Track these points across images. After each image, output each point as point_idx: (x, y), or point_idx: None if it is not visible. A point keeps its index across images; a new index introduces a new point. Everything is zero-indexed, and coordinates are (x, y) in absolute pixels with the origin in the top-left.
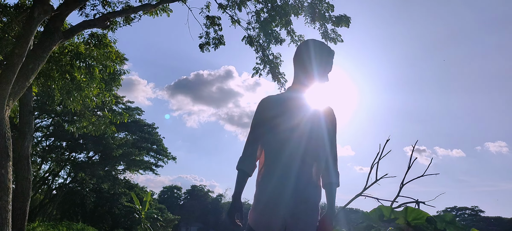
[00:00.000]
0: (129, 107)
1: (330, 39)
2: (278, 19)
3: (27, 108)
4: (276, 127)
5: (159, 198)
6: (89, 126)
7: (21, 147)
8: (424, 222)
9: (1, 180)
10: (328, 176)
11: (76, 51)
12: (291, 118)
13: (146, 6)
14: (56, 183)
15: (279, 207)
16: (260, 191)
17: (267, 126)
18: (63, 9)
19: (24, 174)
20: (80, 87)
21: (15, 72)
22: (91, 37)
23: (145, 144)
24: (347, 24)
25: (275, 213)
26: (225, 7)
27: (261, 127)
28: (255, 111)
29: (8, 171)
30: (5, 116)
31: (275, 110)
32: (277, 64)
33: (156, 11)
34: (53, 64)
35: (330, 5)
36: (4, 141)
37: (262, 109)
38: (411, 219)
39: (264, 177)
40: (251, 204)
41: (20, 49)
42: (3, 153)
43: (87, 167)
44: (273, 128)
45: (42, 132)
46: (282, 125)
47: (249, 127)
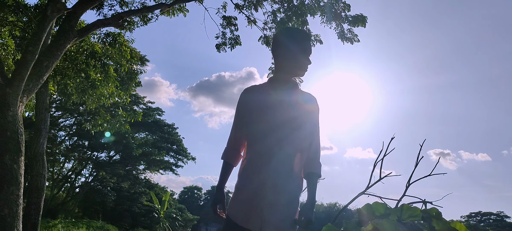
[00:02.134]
0: (150, 108)
1: (347, 39)
2: (294, 19)
3: (43, 106)
4: (258, 117)
5: (180, 198)
6: (104, 124)
7: (37, 143)
8: (420, 220)
9: (13, 174)
10: (309, 166)
11: (91, 50)
12: (272, 109)
13: (161, 6)
14: (79, 181)
15: (258, 198)
16: (239, 182)
17: (249, 117)
18: (78, 8)
19: (39, 170)
20: (94, 86)
21: (28, 69)
22: (107, 36)
23: (165, 144)
24: (364, 24)
25: (253, 204)
26: (242, 7)
27: (243, 118)
28: (237, 102)
29: (20, 166)
30: (18, 112)
31: (257, 101)
32: None
33: (173, 11)
34: (69, 63)
35: (347, 4)
36: (17, 136)
37: (244, 100)
38: (406, 216)
39: (245, 168)
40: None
41: (33, 46)
42: (16, 148)
43: (108, 166)
44: (255, 118)
45: (65, 131)
46: (264, 115)
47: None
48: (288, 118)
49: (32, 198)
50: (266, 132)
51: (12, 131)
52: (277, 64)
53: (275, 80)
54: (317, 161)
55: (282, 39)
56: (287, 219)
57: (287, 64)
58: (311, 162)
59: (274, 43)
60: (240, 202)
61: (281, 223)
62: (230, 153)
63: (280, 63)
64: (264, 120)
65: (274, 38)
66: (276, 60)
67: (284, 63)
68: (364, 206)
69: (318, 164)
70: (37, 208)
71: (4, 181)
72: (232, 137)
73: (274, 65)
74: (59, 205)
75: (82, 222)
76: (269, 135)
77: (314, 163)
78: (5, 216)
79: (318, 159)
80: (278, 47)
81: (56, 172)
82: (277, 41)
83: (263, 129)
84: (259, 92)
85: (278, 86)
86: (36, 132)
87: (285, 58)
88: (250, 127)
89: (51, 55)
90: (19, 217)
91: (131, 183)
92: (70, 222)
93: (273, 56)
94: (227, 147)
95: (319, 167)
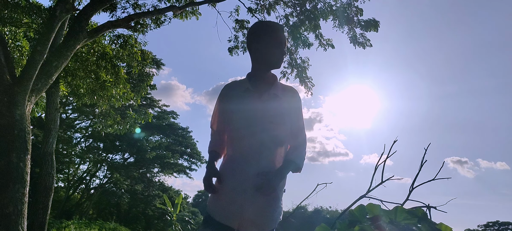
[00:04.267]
0: (164, 111)
1: (359, 43)
2: (307, 23)
3: (53, 106)
4: (237, 114)
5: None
6: (114, 125)
7: (46, 143)
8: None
9: (19, 172)
10: (290, 153)
11: (102, 52)
12: (251, 104)
13: (172, 8)
14: (93, 183)
15: (237, 194)
16: (220, 177)
17: (230, 113)
18: (88, 9)
19: (47, 169)
20: (104, 87)
21: (36, 69)
22: (117, 38)
23: (179, 147)
24: (376, 28)
25: (232, 201)
26: (255, 11)
27: (224, 114)
28: (218, 97)
29: (26, 164)
30: (26, 111)
31: (236, 98)
32: (305, 68)
33: (186, 14)
34: (80, 64)
35: (359, 9)
36: (24, 135)
37: (225, 96)
38: (401, 219)
39: (225, 164)
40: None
41: (42, 46)
42: (23, 147)
43: (122, 168)
44: (235, 115)
45: (81, 133)
46: (243, 112)
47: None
48: (267, 112)
49: (40, 197)
50: (246, 127)
51: (19, 129)
52: (252, 58)
53: (253, 75)
54: (300, 152)
55: (254, 32)
56: (266, 215)
57: (261, 57)
58: (293, 151)
59: (247, 37)
60: (219, 198)
61: (260, 219)
62: (217, 145)
63: (255, 57)
64: (244, 116)
65: (247, 33)
66: (251, 54)
67: (258, 56)
68: (357, 207)
69: (299, 155)
70: (45, 208)
71: (10, 179)
72: (215, 135)
73: (251, 60)
74: (74, 206)
75: (95, 223)
76: (249, 131)
77: (296, 152)
78: (10, 213)
79: (302, 151)
80: (250, 41)
81: (72, 173)
82: (250, 35)
83: (242, 125)
84: (239, 88)
85: (256, 81)
86: (46, 132)
87: (258, 51)
88: (230, 123)
89: (61, 56)
90: (24, 215)
91: (144, 186)
92: (83, 222)
93: (248, 51)
94: (211, 144)
95: (300, 157)
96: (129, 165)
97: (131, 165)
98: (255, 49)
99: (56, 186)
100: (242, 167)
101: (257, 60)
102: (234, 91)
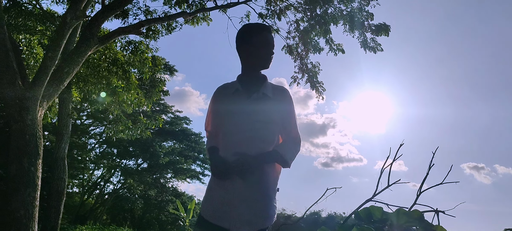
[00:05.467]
0: (177, 117)
1: (370, 48)
2: (317, 28)
3: (66, 111)
4: (228, 116)
5: None
6: (125, 130)
7: (58, 148)
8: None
9: (30, 176)
10: (280, 146)
11: (114, 58)
12: (241, 105)
13: (182, 14)
14: (108, 189)
15: (228, 193)
16: (212, 181)
17: (222, 115)
18: (99, 16)
19: (60, 174)
20: (115, 92)
21: (47, 75)
22: (128, 44)
23: (192, 152)
24: (387, 33)
25: (225, 202)
26: (265, 17)
27: (216, 117)
28: (210, 99)
29: (37, 168)
30: (38, 117)
31: (227, 99)
32: (316, 73)
33: (197, 21)
34: (92, 70)
35: (370, 13)
36: (35, 139)
37: (216, 98)
38: (403, 221)
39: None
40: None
41: (53, 52)
42: (34, 152)
43: (136, 174)
44: (226, 117)
45: (95, 139)
46: (234, 113)
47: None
48: (256, 112)
49: (52, 201)
50: (235, 127)
51: (30, 134)
52: (241, 60)
53: (242, 76)
54: (289, 147)
55: (241, 35)
56: (257, 214)
57: (249, 58)
58: (282, 144)
59: (236, 41)
60: (212, 200)
61: (252, 218)
62: (214, 143)
63: (243, 58)
64: (233, 116)
65: (236, 36)
66: (240, 57)
67: (246, 57)
68: (362, 210)
69: (287, 148)
70: (57, 212)
71: (22, 183)
72: (210, 133)
73: (240, 63)
74: (88, 212)
75: (109, 228)
76: (240, 132)
77: (283, 145)
78: (21, 217)
79: (290, 146)
80: (239, 43)
81: (86, 179)
82: (238, 38)
83: (232, 125)
84: (229, 90)
85: (246, 81)
86: (58, 137)
87: (245, 52)
88: (222, 124)
89: (72, 62)
90: (35, 218)
91: (158, 191)
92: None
93: (238, 54)
94: (208, 141)
95: (286, 151)
96: (142, 171)
97: (145, 170)
98: (243, 51)
99: (70, 192)
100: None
101: (245, 61)
102: (225, 92)
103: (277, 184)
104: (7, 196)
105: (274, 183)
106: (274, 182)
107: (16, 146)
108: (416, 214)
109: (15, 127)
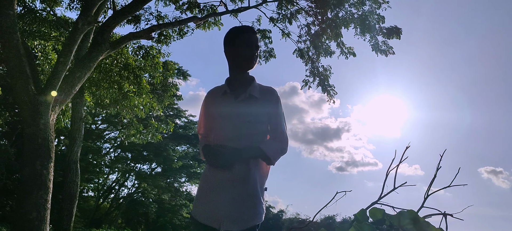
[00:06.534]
0: (191, 121)
1: (381, 51)
2: (328, 32)
3: (78, 115)
4: (217, 119)
5: None
6: (137, 135)
7: (71, 151)
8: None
9: (42, 179)
10: (263, 143)
11: (125, 63)
12: (228, 107)
13: (193, 19)
14: (122, 192)
15: (215, 194)
16: (202, 181)
17: (212, 118)
18: (111, 21)
19: (72, 177)
20: (127, 97)
21: (59, 79)
22: (139, 49)
23: None
24: (398, 36)
25: (214, 202)
26: (276, 21)
27: (206, 119)
28: (201, 105)
29: (49, 171)
30: (50, 121)
31: (216, 102)
32: (327, 77)
33: (208, 25)
34: (104, 75)
35: (381, 16)
36: (47, 143)
37: (206, 102)
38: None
39: (206, 168)
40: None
41: (64, 57)
42: (46, 155)
43: (150, 178)
44: (215, 120)
45: (110, 144)
46: (222, 116)
47: (312, 143)
48: (242, 113)
49: (65, 204)
50: (223, 128)
51: (43, 138)
52: (228, 63)
53: (230, 78)
54: (273, 144)
55: (225, 38)
56: (244, 212)
57: (233, 60)
58: (267, 142)
59: (224, 45)
60: (202, 200)
61: (241, 216)
62: (207, 142)
63: (229, 61)
64: (221, 118)
65: (224, 40)
66: (227, 60)
67: (231, 59)
68: (359, 211)
69: (270, 145)
70: (69, 214)
71: (34, 185)
72: (203, 136)
73: (228, 66)
74: (103, 215)
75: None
76: (227, 133)
77: (267, 142)
78: (33, 219)
79: (275, 143)
80: (224, 47)
81: (101, 183)
82: (223, 42)
83: (220, 126)
84: (218, 93)
85: (233, 83)
86: (71, 141)
87: (230, 54)
88: (211, 126)
89: (84, 67)
90: (47, 221)
91: (172, 195)
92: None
93: (226, 57)
94: (201, 142)
95: (269, 147)
96: (156, 175)
97: (158, 174)
98: (227, 53)
99: (86, 195)
100: (222, 169)
101: (231, 63)
102: (214, 95)
103: (264, 183)
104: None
105: (261, 182)
106: (261, 180)
107: (29, 149)
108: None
109: (28, 130)
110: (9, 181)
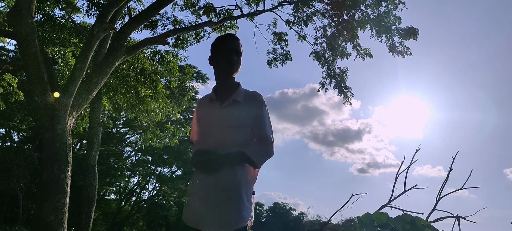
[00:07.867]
0: None
1: (398, 52)
2: (344, 33)
3: (96, 120)
4: (204, 126)
5: None
6: (154, 138)
7: (89, 155)
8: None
9: (60, 183)
10: (248, 148)
11: (141, 68)
12: (214, 113)
13: (208, 23)
14: (144, 195)
15: (201, 198)
16: (190, 186)
17: (199, 124)
18: (126, 27)
19: (90, 181)
20: (143, 101)
21: (76, 85)
22: (155, 54)
23: None
24: (415, 36)
25: (201, 205)
26: (292, 24)
27: (197, 126)
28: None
29: (67, 175)
30: (67, 126)
31: (203, 109)
32: (343, 79)
33: (224, 29)
34: (121, 80)
35: (397, 17)
36: (65, 148)
37: (197, 110)
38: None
39: (194, 173)
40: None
41: (81, 63)
42: (64, 159)
43: (170, 181)
44: (203, 126)
45: (131, 147)
46: (208, 122)
47: (333, 145)
48: (226, 118)
49: (83, 207)
50: (208, 134)
51: (61, 143)
52: (214, 70)
53: (216, 86)
54: (258, 148)
55: (211, 47)
56: (229, 214)
57: (217, 67)
58: (251, 146)
59: (210, 53)
60: (191, 205)
61: (226, 220)
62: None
63: (214, 68)
64: (207, 124)
65: (210, 49)
66: (213, 68)
67: (214, 66)
68: (363, 215)
69: (255, 150)
70: (88, 218)
71: (52, 189)
72: (195, 142)
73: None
74: (125, 218)
75: None
76: (214, 139)
77: (252, 146)
78: (51, 222)
79: (260, 148)
80: (210, 56)
81: (123, 186)
82: (211, 51)
83: (205, 132)
84: (206, 101)
85: (219, 90)
86: (89, 145)
87: (213, 62)
88: (201, 135)
89: (101, 72)
90: (64, 224)
91: None
92: None
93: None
94: (195, 148)
95: (254, 152)
96: (176, 178)
97: (178, 177)
98: (211, 62)
99: (108, 199)
100: (208, 173)
101: (215, 71)
102: (203, 103)
103: (252, 186)
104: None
105: (248, 186)
106: (248, 185)
107: (47, 153)
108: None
109: (46, 135)
110: (33, 185)
